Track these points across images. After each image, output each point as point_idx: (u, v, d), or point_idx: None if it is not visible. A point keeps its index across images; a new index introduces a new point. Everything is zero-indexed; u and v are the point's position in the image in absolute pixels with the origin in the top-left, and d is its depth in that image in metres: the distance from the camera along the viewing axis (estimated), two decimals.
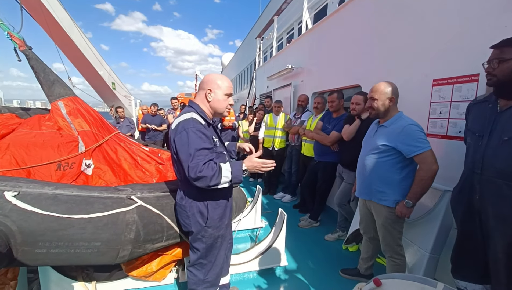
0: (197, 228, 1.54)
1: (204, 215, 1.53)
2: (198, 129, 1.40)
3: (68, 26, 5.97)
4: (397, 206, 1.76)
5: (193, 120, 1.43)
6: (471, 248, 1.52)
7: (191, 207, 1.52)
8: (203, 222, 1.53)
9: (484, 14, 1.79)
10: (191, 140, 1.37)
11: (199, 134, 1.39)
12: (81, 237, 1.38)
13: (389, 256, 1.88)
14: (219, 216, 1.59)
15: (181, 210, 1.58)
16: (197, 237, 1.57)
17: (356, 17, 3.31)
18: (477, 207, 1.45)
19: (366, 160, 1.89)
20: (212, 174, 1.35)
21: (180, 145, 1.39)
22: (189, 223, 1.55)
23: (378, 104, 1.81)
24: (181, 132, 1.39)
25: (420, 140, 1.65)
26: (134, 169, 2.44)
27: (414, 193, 1.71)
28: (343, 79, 3.57)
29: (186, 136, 1.38)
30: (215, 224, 1.57)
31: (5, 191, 1.28)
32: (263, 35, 8.42)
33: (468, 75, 1.88)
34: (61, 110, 2.35)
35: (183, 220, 1.60)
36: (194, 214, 1.52)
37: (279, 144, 4.32)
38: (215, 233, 1.58)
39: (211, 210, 1.54)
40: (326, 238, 3.04)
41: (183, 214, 1.57)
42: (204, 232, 1.55)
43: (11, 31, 2.28)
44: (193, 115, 1.46)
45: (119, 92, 8.92)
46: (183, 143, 1.38)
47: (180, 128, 1.41)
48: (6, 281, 1.60)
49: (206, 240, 1.57)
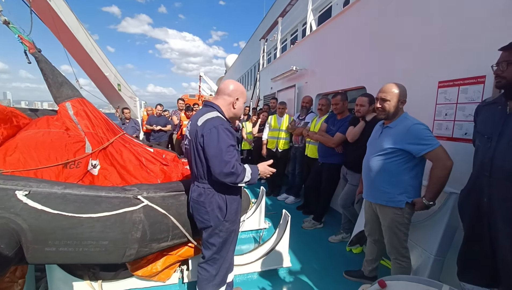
0: (215, 222, 1.60)
1: (223, 210, 1.60)
2: (226, 127, 1.49)
3: (75, 28, 6.07)
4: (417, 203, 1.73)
5: (220, 118, 1.54)
6: (479, 251, 1.51)
7: (211, 203, 1.58)
8: (221, 217, 1.60)
9: (490, 15, 1.79)
10: (221, 137, 1.45)
11: (227, 132, 1.48)
12: (89, 236, 1.40)
13: (394, 258, 1.88)
14: (235, 210, 1.67)
15: (199, 206, 1.62)
16: (215, 231, 1.62)
17: (360, 18, 3.31)
18: (486, 210, 1.44)
19: (372, 162, 1.88)
20: (240, 173, 1.47)
21: (209, 140, 1.46)
22: (208, 218, 1.60)
23: (390, 105, 1.78)
24: (211, 129, 1.46)
25: (428, 138, 1.65)
26: (139, 170, 2.46)
27: (432, 193, 1.70)
28: (347, 80, 3.57)
29: (217, 132, 1.45)
30: (232, 218, 1.65)
31: (17, 190, 1.31)
32: (267, 37, 8.45)
33: (474, 77, 1.88)
34: (69, 111, 2.39)
35: (200, 216, 1.64)
36: (214, 210, 1.58)
37: (283, 146, 4.32)
38: (231, 227, 1.66)
39: (229, 204, 1.61)
40: (330, 240, 3.04)
41: (202, 210, 1.61)
42: (222, 226, 1.61)
43: (22, 34, 2.33)
44: (218, 114, 1.56)
45: (125, 94, 9.01)
46: (213, 139, 1.45)
47: (210, 125, 1.48)
48: (14, 279, 1.63)
49: (223, 235, 1.63)
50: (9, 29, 2.34)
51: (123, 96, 8.88)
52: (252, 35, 14.72)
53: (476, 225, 1.51)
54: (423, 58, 2.32)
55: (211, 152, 1.46)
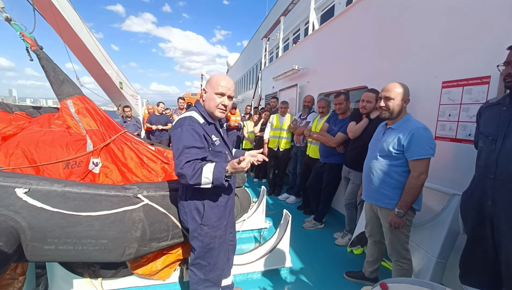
0: (193, 225, 1.58)
1: (200, 212, 1.56)
2: (192, 127, 1.44)
3: (78, 26, 6.08)
4: (390, 217, 1.76)
5: (190, 118, 1.48)
6: (481, 254, 1.49)
7: (189, 204, 1.57)
8: (199, 219, 1.56)
9: (494, 15, 1.76)
10: (183, 137, 1.41)
11: (191, 132, 1.43)
12: (88, 234, 1.40)
13: (396, 260, 1.86)
14: (217, 216, 1.59)
15: (180, 206, 1.63)
16: (194, 235, 1.60)
17: (363, 18, 3.29)
18: (489, 212, 1.42)
19: (374, 163, 1.86)
20: (192, 174, 1.36)
21: (173, 140, 1.47)
22: (186, 219, 1.61)
23: (394, 104, 1.75)
24: (176, 128, 1.46)
25: (425, 147, 1.63)
26: (140, 168, 2.46)
27: (405, 202, 1.70)
28: (350, 80, 3.55)
29: (180, 132, 1.43)
30: (212, 223, 1.58)
31: (16, 187, 1.31)
32: (269, 36, 8.43)
33: (479, 77, 1.85)
34: (70, 109, 2.39)
35: (181, 216, 1.65)
36: (191, 211, 1.56)
37: (284, 145, 4.31)
38: (212, 233, 1.58)
39: (208, 208, 1.56)
40: (337, 243, 2.96)
41: (182, 210, 1.62)
42: (200, 230, 1.57)
43: (23, 31, 2.33)
44: (193, 113, 1.51)
45: (126, 92, 9.03)
46: (176, 139, 1.44)
47: (177, 125, 1.48)
48: (15, 276, 1.64)
49: (202, 239, 1.58)
50: (11, 26, 2.34)
51: (124, 94, 8.90)
52: (254, 34, 14.69)
53: (479, 227, 1.49)
54: (427, 58, 2.29)
55: (173, 152, 1.46)
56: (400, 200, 1.72)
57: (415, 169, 1.66)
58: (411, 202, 1.70)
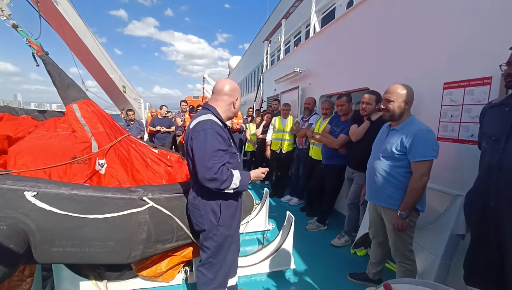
0: (209, 226, 1.59)
1: (216, 214, 1.57)
2: (215, 131, 1.46)
3: (82, 32, 6.17)
4: (393, 219, 1.76)
5: (212, 121, 1.49)
6: (485, 255, 1.49)
7: (205, 206, 1.57)
8: (215, 221, 1.57)
9: (496, 15, 1.77)
10: (208, 141, 1.42)
11: (216, 135, 1.45)
12: (95, 236, 1.42)
13: (399, 261, 1.86)
14: (231, 215, 1.64)
15: (194, 209, 1.62)
16: (209, 235, 1.61)
17: (364, 20, 3.31)
18: (493, 213, 1.42)
19: (377, 164, 1.87)
20: (225, 179, 1.43)
21: (196, 143, 1.45)
22: (202, 221, 1.60)
23: (394, 106, 1.78)
24: (199, 132, 1.45)
25: (427, 148, 1.63)
26: (145, 170, 2.49)
27: (407, 204, 1.70)
28: (351, 82, 3.56)
29: (204, 136, 1.43)
30: (227, 223, 1.62)
31: (25, 191, 1.34)
32: (270, 38, 8.47)
33: (480, 78, 1.86)
34: (76, 113, 2.43)
35: (195, 219, 1.64)
36: (207, 213, 1.57)
37: (287, 147, 4.32)
38: (226, 232, 1.63)
39: (224, 209, 1.58)
40: (333, 243, 2.97)
41: (196, 213, 1.61)
42: (215, 230, 1.59)
43: (30, 37, 2.38)
44: (211, 117, 1.52)
45: (129, 95, 9.11)
46: (200, 142, 1.43)
47: (199, 128, 1.46)
48: (23, 278, 1.66)
49: (217, 239, 1.61)
50: (18, 32, 2.39)
51: (128, 97, 8.98)
52: (256, 37, 14.77)
53: (483, 228, 1.49)
54: (428, 59, 2.30)
55: (196, 155, 1.44)
56: (402, 202, 1.72)
57: (417, 170, 1.66)
58: (413, 204, 1.70)
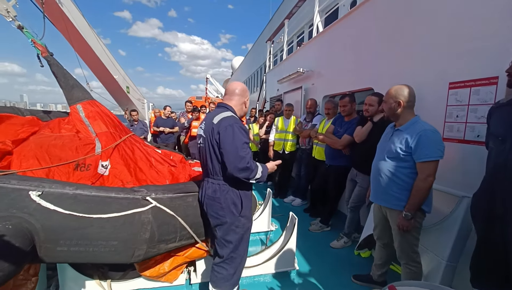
0: (231, 218, 1.64)
1: (237, 205, 1.65)
2: (240, 126, 1.59)
3: (86, 33, 6.23)
4: (398, 219, 1.74)
5: (234, 117, 1.64)
6: (492, 257, 1.47)
7: (226, 199, 1.62)
8: (237, 212, 1.65)
9: (502, 14, 1.74)
10: (236, 134, 1.53)
11: (241, 130, 1.57)
12: (99, 236, 1.43)
13: (405, 263, 1.84)
14: (249, 206, 1.73)
15: (214, 203, 1.65)
16: (231, 228, 1.65)
17: (368, 19, 3.29)
18: (499, 214, 1.40)
19: (382, 165, 1.85)
20: (254, 169, 1.56)
21: (225, 137, 1.53)
22: (224, 214, 1.64)
23: (386, 107, 1.82)
24: (227, 126, 1.54)
25: (432, 149, 1.61)
26: (149, 170, 2.49)
27: (412, 205, 1.68)
28: (355, 82, 3.54)
29: (232, 130, 1.54)
30: (247, 214, 1.72)
31: (30, 190, 1.35)
32: (273, 39, 8.47)
33: (487, 78, 1.83)
34: (80, 114, 2.44)
35: (216, 212, 1.66)
36: (229, 205, 1.62)
37: (290, 148, 4.31)
38: (247, 223, 1.71)
39: (244, 200, 1.68)
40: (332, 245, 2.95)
41: (216, 206, 1.65)
42: (238, 222, 1.66)
43: (35, 38, 2.40)
44: (232, 114, 1.66)
45: (133, 96, 9.18)
46: (229, 136, 1.53)
47: (225, 123, 1.56)
48: (28, 277, 1.67)
49: (239, 231, 1.67)
50: (23, 33, 2.42)
51: (131, 98, 9.05)
52: (259, 37, 14.77)
53: (489, 229, 1.47)
54: (433, 59, 2.28)
55: (227, 148, 1.52)
56: (408, 203, 1.70)
57: (422, 171, 1.65)
58: (419, 205, 1.68)
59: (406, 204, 1.71)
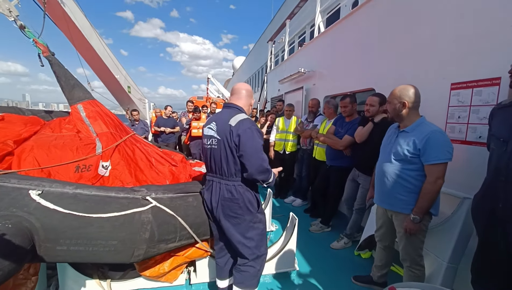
0: (249, 216, 1.69)
1: (253, 203, 1.70)
2: (257, 128, 1.62)
3: (88, 32, 6.24)
4: (405, 223, 1.71)
5: (251, 120, 1.66)
6: (494, 259, 1.46)
7: (242, 199, 1.66)
8: (253, 209, 1.70)
9: (504, 15, 1.73)
10: (255, 137, 1.58)
11: (258, 133, 1.62)
12: (99, 236, 1.43)
13: (408, 266, 1.81)
14: (260, 205, 1.80)
15: (231, 203, 1.66)
16: (250, 225, 1.70)
17: (369, 19, 3.28)
18: (501, 216, 1.39)
19: (387, 167, 1.80)
20: (271, 171, 1.64)
21: (247, 140, 1.55)
22: (242, 213, 1.66)
23: (390, 108, 1.79)
24: (246, 129, 1.57)
25: (441, 151, 1.57)
26: (149, 170, 2.49)
27: (421, 208, 1.64)
28: (356, 82, 3.53)
29: (251, 133, 1.57)
30: (261, 210, 1.79)
31: (30, 189, 1.35)
32: (275, 39, 8.46)
33: (489, 79, 1.82)
34: (81, 113, 2.45)
35: (234, 212, 1.67)
36: (245, 204, 1.66)
37: (290, 148, 4.30)
38: (263, 218, 1.77)
39: (257, 197, 1.75)
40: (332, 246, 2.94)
41: (235, 206, 1.66)
42: (256, 218, 1.72)
43: (37, 38, 2.40)
44: (248, 116, 1.68)
45: (134, 96, 9.20)
46: (250, 138, 1.56)
47: (245, 125, 1.58)
48: (28, 276, 1.67)
49: (258, 226, 1.73)
50: (25, 33, 2.42)
51: (132, 98, 9.06)
52: (260, 37, 14.78)
53: (491, 231, 1.46)
54: (435, 60, 2.27)
55: (248, 151, 1.55)
56: (416, 206, 1.66)
57: (431, 174, 1.60)
58: (428, 208, 1.64)
59: (414, 207, 1.67)
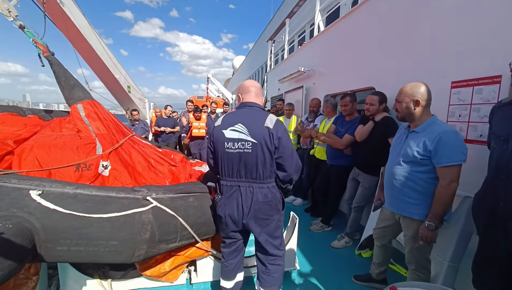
0: (278, 215, 1.71)
1: (281, 203, 1.72)
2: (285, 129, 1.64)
3: (88, 32, 6.23)
4: (420, 230, 1.62)
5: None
6: (494, 258, 1.46)
7: (275, 199, 1.67)
8: (281, 208, 1.73)
9: (505, 13, 1.73)
10: (289, 137, 1.64)
11: None
12: (99, 236, 1.42)
13: (413, 269, 1.79)
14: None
15: (265, 206, 1.62)
16: (278, 224, 1.72)
17: (369, 18, 3.27)
18: (501, 215, 1.38)
19: (397, 169, 1.73)
20: None
21: (286, 142, 1.58)
22: (273, 213, 1.67)
23: (402, 107, 1.69)
24: (284, 130, 1.60)
25: (455, 152, 1.49)
26: (148, 171, 2.49)
27: (436, 214, 1.55)
28: (356, 81, 3.52)
29: (287, 133, 1.62)
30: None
31: (31, 190, 1.35)
32: (274, 38, 8.45)
33: (490, 77, 1.81)
34: (80, 113, 2.45)
35: (265, 213, 1.64)
36: (277, 204, 1.69)
37: None
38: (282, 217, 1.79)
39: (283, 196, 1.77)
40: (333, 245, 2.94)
41: (267, 208, 1.63)
42: (281, 216, 1.75)
43: (36, 38, 2.40)
44: None
45: (134, 95, 9.19)
46: (287, 140, 1.60)
47: (281, 127, 1.60)
48: (29, 276, 1.68)
49: (281, 224, 1.76)
50: (24, 33, 2.42)
51: (132, 98, 9.05)
52: (260, 36, 14.75)
53: (491, 230, 1.46)
54: (435, 58, 2.26)
55: (287, 152, 1.58)
56: (430, 212, 1.57)
57: (444, 177, 1.52)
58: (443, 213, 1.56)
59: (429, 213, 1.58)
